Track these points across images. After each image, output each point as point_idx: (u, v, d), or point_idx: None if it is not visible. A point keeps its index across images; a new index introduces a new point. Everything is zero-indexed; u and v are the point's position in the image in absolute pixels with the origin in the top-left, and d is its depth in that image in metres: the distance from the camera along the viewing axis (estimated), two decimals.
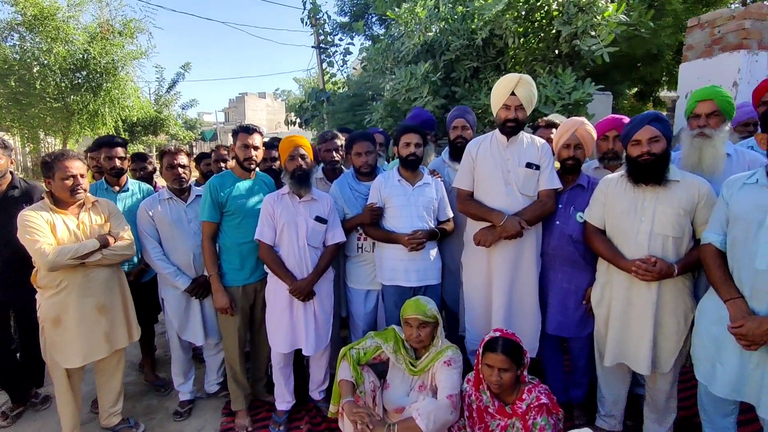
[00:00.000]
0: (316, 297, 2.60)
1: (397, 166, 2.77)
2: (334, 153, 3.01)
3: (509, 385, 2.03)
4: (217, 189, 2.63)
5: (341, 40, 9.29)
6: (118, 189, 3.00)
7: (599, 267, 2.37)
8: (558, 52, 4.60)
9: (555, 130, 2.92)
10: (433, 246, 2.72)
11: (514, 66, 4.88)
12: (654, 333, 2.13)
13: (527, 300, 2.55)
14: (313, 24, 9.47)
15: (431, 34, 4.91)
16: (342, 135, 3.09)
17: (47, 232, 2.26)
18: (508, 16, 4.32)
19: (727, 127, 2.22)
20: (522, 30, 4.52)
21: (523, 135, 2.55)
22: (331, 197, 2.74)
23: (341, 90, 8.82)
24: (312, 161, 2.67)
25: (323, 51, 10.01)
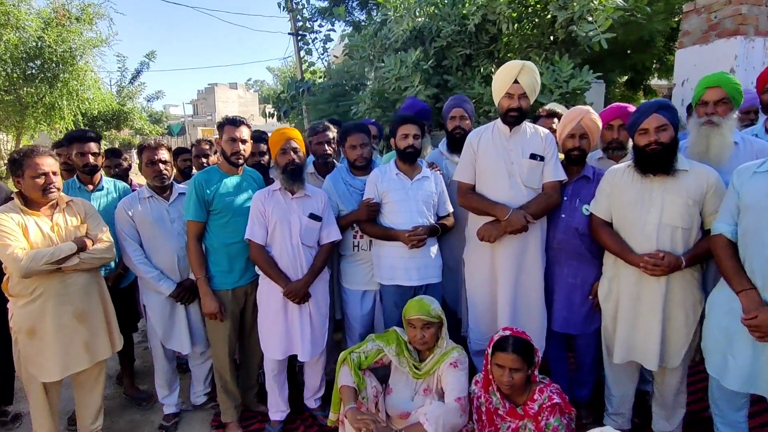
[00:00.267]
0: (311, 299, 2.60)
1: (394, 158, 2.78)
2: (326, 146, 2.98)
3: (520, 386, 2.06)
4: (203, 186, 2.59)
5: (321, 26, 9.21)
6: (92, 188, 2.92)
7: (606, 261, 2.42)
8: (554, 38, 4.65)
9: (557, 119, 2.96)
10: (434, 242, 2.74)
11: (507, 53, 4.92)
12: (663, 327, 2.19)
13: (533, 296, 2.58)
14: (291, 9, 9.38)
15: (421, 19, 4.91)
16: (333, 127, 3.07)
17: (19, 235, 2.19)
18: (501, 0, 4.35)
19: (735, 115, 2.29)
20: (516, 15, 4.55)
21: (526, 125, 2.58)
22: (325, 193, 2.73)
23: (321, 80, 8.75)
24: (304, 155, 2.65)
25: (301, 38, 9.94)
